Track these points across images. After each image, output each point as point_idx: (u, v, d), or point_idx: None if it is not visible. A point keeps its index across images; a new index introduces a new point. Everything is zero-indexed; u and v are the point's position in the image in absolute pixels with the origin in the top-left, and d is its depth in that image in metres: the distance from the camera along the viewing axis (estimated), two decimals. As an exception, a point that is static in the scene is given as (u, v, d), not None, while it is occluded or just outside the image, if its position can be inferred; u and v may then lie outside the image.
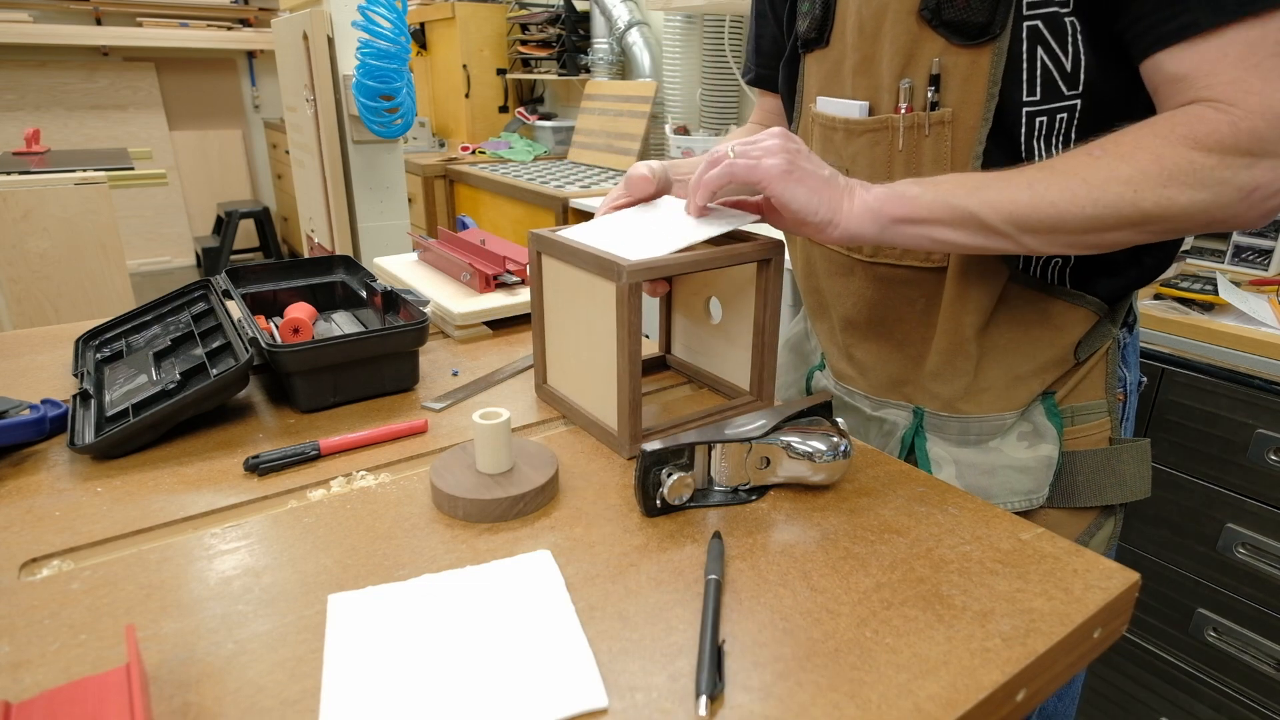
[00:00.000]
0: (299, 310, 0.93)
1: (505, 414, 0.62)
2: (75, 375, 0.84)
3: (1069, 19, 0.62)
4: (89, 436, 0.70)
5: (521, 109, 3.44)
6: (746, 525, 0.59)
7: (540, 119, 3.35)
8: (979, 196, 0.61)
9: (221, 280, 0.97)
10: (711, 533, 0.58)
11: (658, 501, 0.60)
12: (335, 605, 0.49)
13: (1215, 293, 1.21)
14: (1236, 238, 1.40)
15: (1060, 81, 0.64)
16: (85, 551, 0.56)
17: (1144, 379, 0.84)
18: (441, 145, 3.65)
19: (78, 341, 0.90)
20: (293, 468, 0.67)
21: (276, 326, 0.89)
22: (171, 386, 0.73)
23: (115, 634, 0.47)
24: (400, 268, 1.19)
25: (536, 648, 0.46)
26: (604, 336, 0.67)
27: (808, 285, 0.88)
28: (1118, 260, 0.71)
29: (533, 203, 2.48)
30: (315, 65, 2.12)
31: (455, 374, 0.88)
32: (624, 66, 3.00)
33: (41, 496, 0.63)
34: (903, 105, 0.70)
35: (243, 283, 1.00)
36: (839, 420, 0.64)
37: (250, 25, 4.86)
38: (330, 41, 2.13)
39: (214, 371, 0.74)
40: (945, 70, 0.67)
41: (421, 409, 0.79)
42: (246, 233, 4.82)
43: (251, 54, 5.03)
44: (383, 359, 0.80)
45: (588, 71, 3.08)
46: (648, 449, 0.58)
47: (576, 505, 0.62)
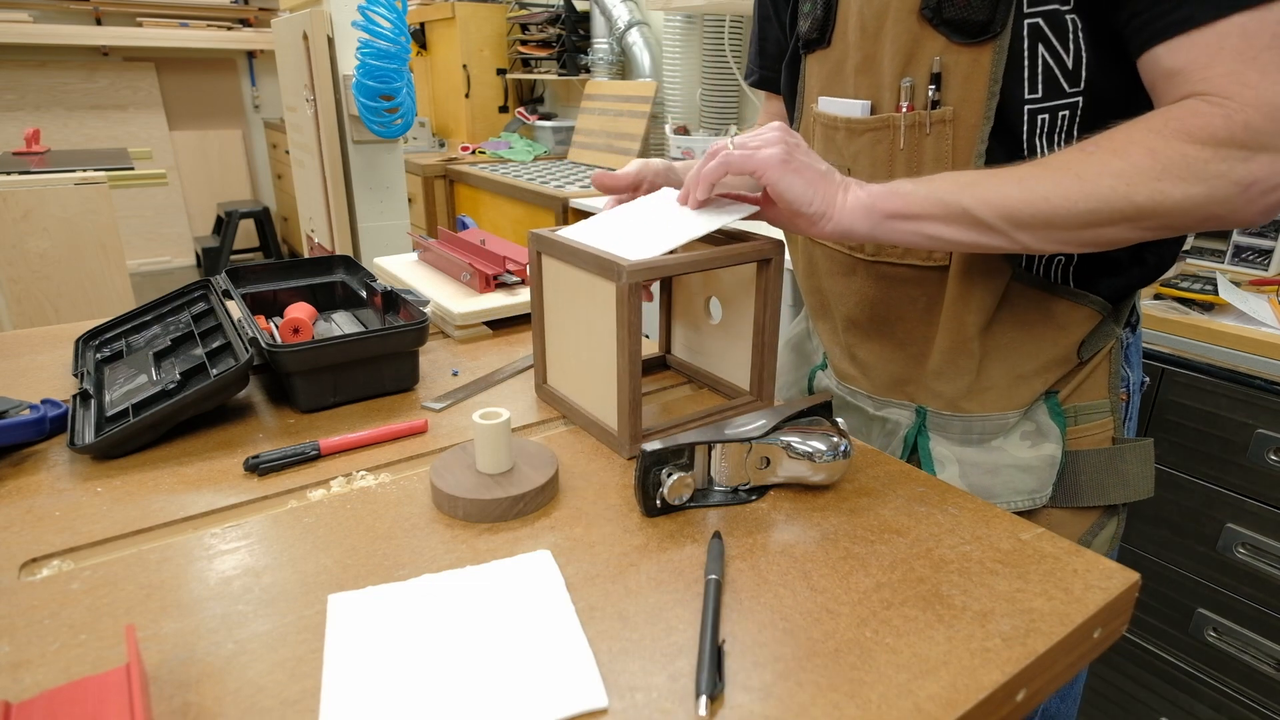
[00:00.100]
0: (299, 310, 0.93)
1: (505, 414, 0.62)
2: (75, 375, 0.84)
3: (1069, 16, 0.62)
4: (89, 436, 0.70)
5: (521, 109, 3.44)
6: (746, 525, 0.59)
7: (540, 119, 3.35)
8: (971, 192, 0.61)
9: (221, 280, 0.97)
10: (711, 533, 0.58)
11: (658, 501, 0.60)
12: (335, 605, 0.49)
13: (1215, 293, 1.21)
14: (1236, 237, 1.40)
15: (1062, 79, 0.64)
16: (85, 551, 0.56)
17: (1146, 379, 0.84)
18: (441, 145, 3.65)
19: (78, 341, 0.90)
20: (293, 468, 0.67)
21: (276, 326, 0.89)
22: (171, 386, 0.73)
23: (115, 634, 0.47)
24: (400, 268, 1.19)
25: (536, 648, 0.46)
26: (604, 336, 0.67)
27: (809, 285, 0.88)
28: (1120, 259, 0.71)
29: (533, 203, 2.48)
30: (315, 65, 2.12)
31: (455, 374, 0.88)
32: (624, 66, 3.00)
33: (41, 496, 0.63)
34: (904, 104, 0.70)
35: (243, 283, 1.00)
36: (839, 420, 0.64)
37: (250, 25, 4.86)
38: (330, 41, 2.13)
39: (214, 371, 0.74)
40: (946, 69, 0.67)
41: (421, 409, 0.79)
42: (246, 233, 4.82)
43: (251, 54, 5.03)
44: (383, 359, 0.80)
45: (588, 71, 3.08)
46: (648, 449, 0.58)
47: (576, 505, 0.62)
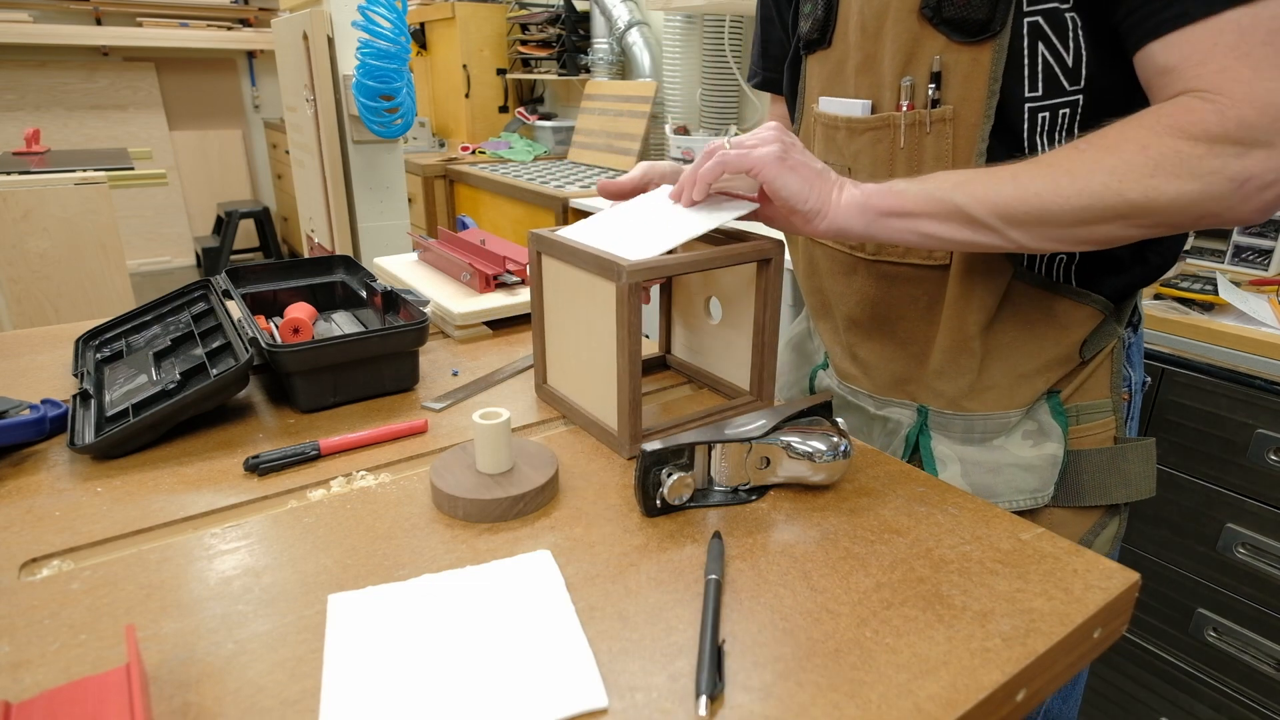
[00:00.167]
0: (299, 310, 0.93)
1: (505, 414, 0.62)
2: (75, 375, 0.84)
3: (1069, 14, 0.62)
4: (89, 436, 0.70)
5: (521, 109, 3.44)
6: (746, 525, 0.59)
7: (540, 119, 3.35)
8: (965, 189, 0.61)
9: (221, 280, 0.97)
10: (711, 533, 0.58)
11: (658, 501, 0.60)
12: (335, 605, 0.49)
13: (1215, 293, 1.21)
14: (1236, 237, 1.40)
15: (1062, 77, 0.64)
16: (85, 551, 0.56)
17: (1148, 379, 0.84)
18: (441, 145, 3.65)
19: (78, 341, 0.90)
20: (293, 468, 0.67)
21: (276, 326, 0.89)
22: (171, 386, 0.73)
23: (115, 634, 0.47)
24: (400, 268, 1.19)
25: (536, 648, 0.46)
26: (604, 336, 0.67)
27: (810, 285, 0.88)
28: (1123, 257, 0.71)
29: (533, 203, 2.48)
30: (315, 65, 2.12)
31: (455, 374, 0.88)
32: (624, 66, 3.00)
33: (41, 496, 0.63)
34: (904, 103, 0.71)
35: (243, 283, 1.00)
36: (839, 420, 0.64)
37: (250, 25, 4.86)
38: (330, 41, 2.13)
39: (214, 371, 0.74)
40: (946, 67, 0.67)
41: (421, 409, 0.79)
42: (246, 233, 4.82)
43: (251, 54, 5.03)
44: (383, 359, 0.80)
45: (588, 71, 3.08)
46: (648, 449, 0.58)
47: (576, 505, 0.62)
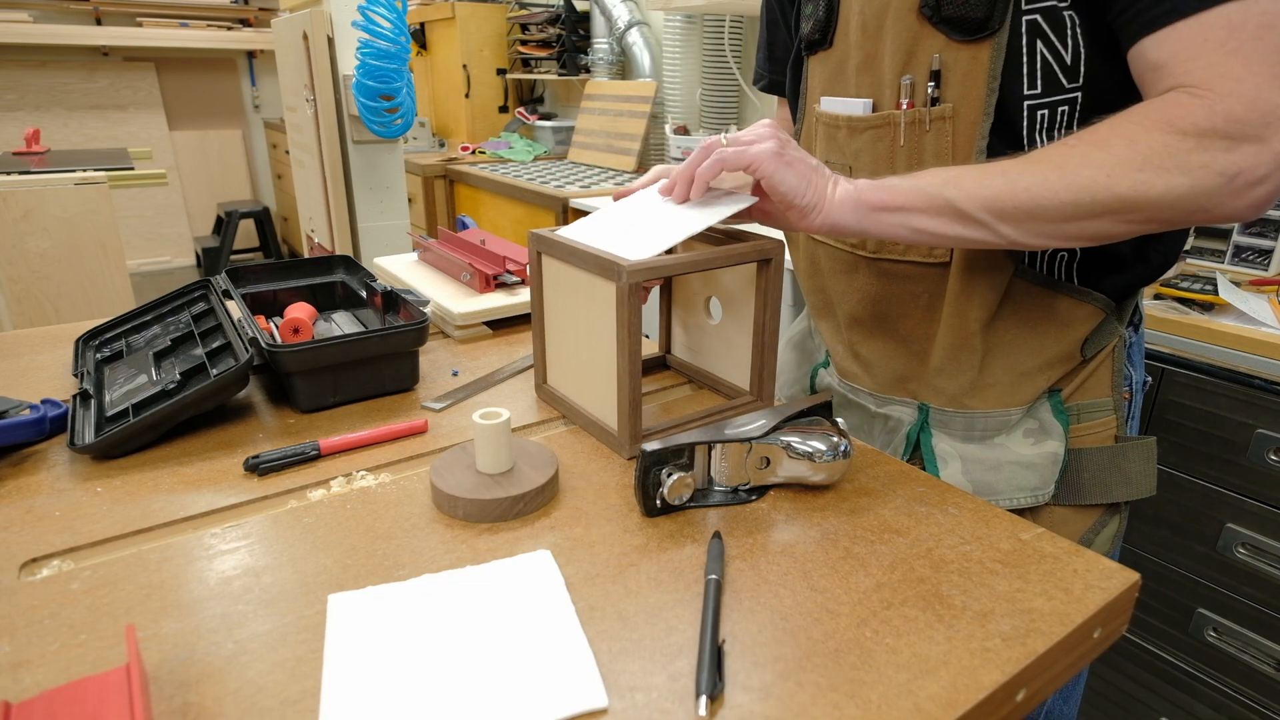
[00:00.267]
0: (299, 310, 0.93)
1: (505, 414, 0.62)
2: (75, 375, 0.84)
3: (1067, 12, 0.62)
4: (89, 436, 0.70)
5: (521, 109, 3.44)
6: (746, 525, 0.59)
7: (540, 119, 3.35)
8: (955, 185, 0.61)
9: (221, 280, 0.97)
10: (711, 533, 0.58)
11: (658, 501, 0.60)
12: (335, 605, 0.49)
13: (1215, 293, 1.21)
14: (1236, 237, 1.40)
15: (1060, 74, 0.64)
16: (85, 551, 0.56)
17: (1149, 378, 0.84)
18: (441, 145, 3.65)
19: (78, 341, 0.90)
20: (293, 468, 0.67)
21: (276, 326, 0.89)
22: (171, 386, 0.73)
23: (115, 634, 0.47)
24: (400, 268, 1.19)
25: (536, 648, 0.46)
26: (604, 336, 0.67)
27: (812, 284, 0.88)
28: (1124, 256, 0.71)
29: (533, 203, 2.48)
30: (315, 65, 2.12)
31: (455, 374, 0.88)
32: (624, 66, 3.00)
33: (41, 496, 0.63)
34: (904, 101, 0.71)
35: (243, 283, 1.00)
36: (839, 420, 0.64)
37: (250, 25, 4.86)
38: (330, 41, 2.13)
39: (214, 371, 0.74)
40: (946, 66, 0.68)
41: (421, 409, 0.79)
42: (246, 233, 4.82)
43: (251, 54, 5.03)
44: (383, 359, 0.80)
45: (588, 71, 3.08)
46: (648, 449, 0.58)
47: (576, 505, 0.62)
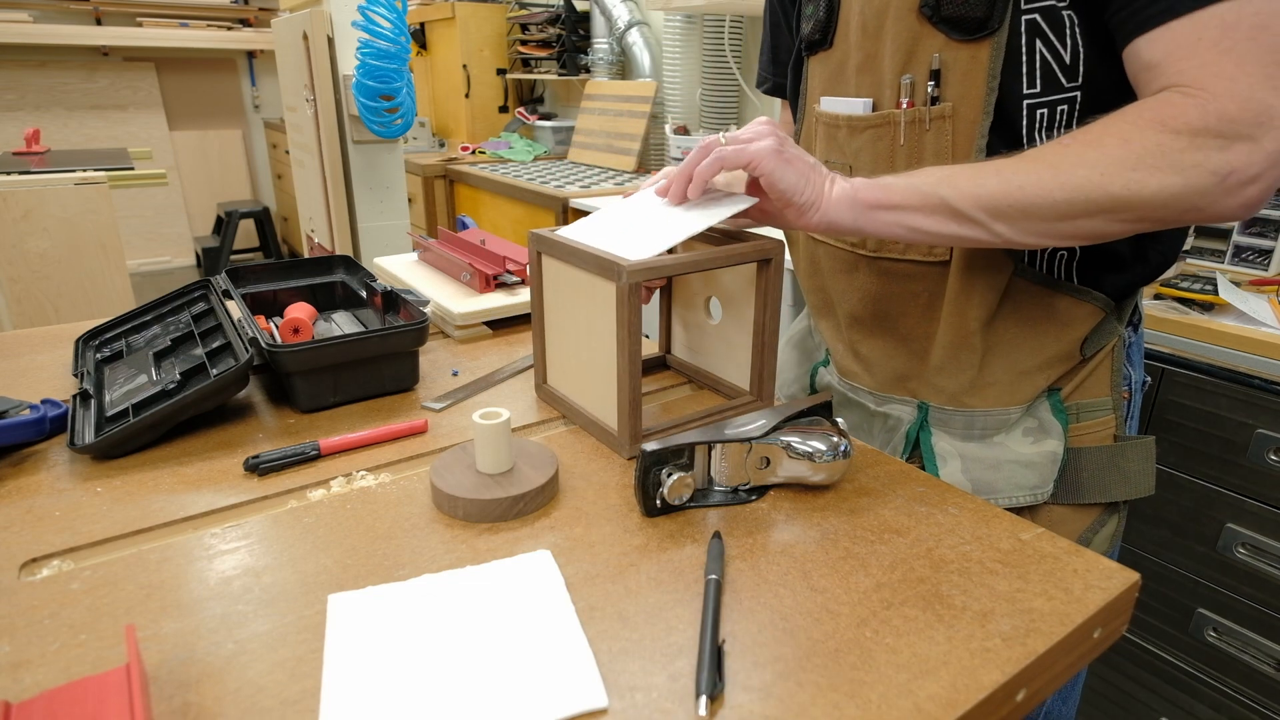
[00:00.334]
0: (299, 310, 0.93)
1: (505, 414, 0.62)
2: (75, 375, 0.84)
3: (1066, 12, 0.62)
4: (89, 436, 0.70)
5: (521, 109, 3.44)
6: (746, 525, 0.59)
7: (540, 119, 3.34)
8: (950, 183, 0.62)
9: (221, 280, 0.97)
10: (711, 533, 0.58)
11: (658, 501, 0.60)
12: (335, 605, 0.49)
13: (1215, 293, 1.21)
14: (1236, 237, 1.40)
15: (1060, 74, 0.64)
16: (85, 551, 0.56)
17: (1148, 379, 0.84)
18: (441, 145, 3.65)
19: (78, 341, 0.90)
20: (293, 468, 0.67)
21: (276, 326, 0.89)
22: (171, 386, 0.73)
23: (115, 634, 0.47)
24: (400, 268, 1.19)
25: (536, 648, 0.46)
26: (604, 336, 0.67)
27: (812, 284, 0.89)
28: (1124, 255, 0.71)
29: (533, 203, 2.48)
30: (315, 65, 2.12)
31: (455, 374, 0.88)
32: (624, 66, 3.00)
33: (41, 496, 0.63)
34: (904, 101, 0.71)
35: (243, 283, 1.00)
36: (839, 420, 0.64)
37: (250, 25, 4.86)
38: (330, 41, 2.13)
39: (214, 371, 0.74)
40: (945, 65, 0.68)
41: (421, 409, 0.79)
42: (246, 233, 4.82)
43: (251, 54, 5.03)
44: (383, 359, 0.80)
45: (588, 71, 3.08)
46: (648, 449, 0.58)
47: (576, 505, 0.62)
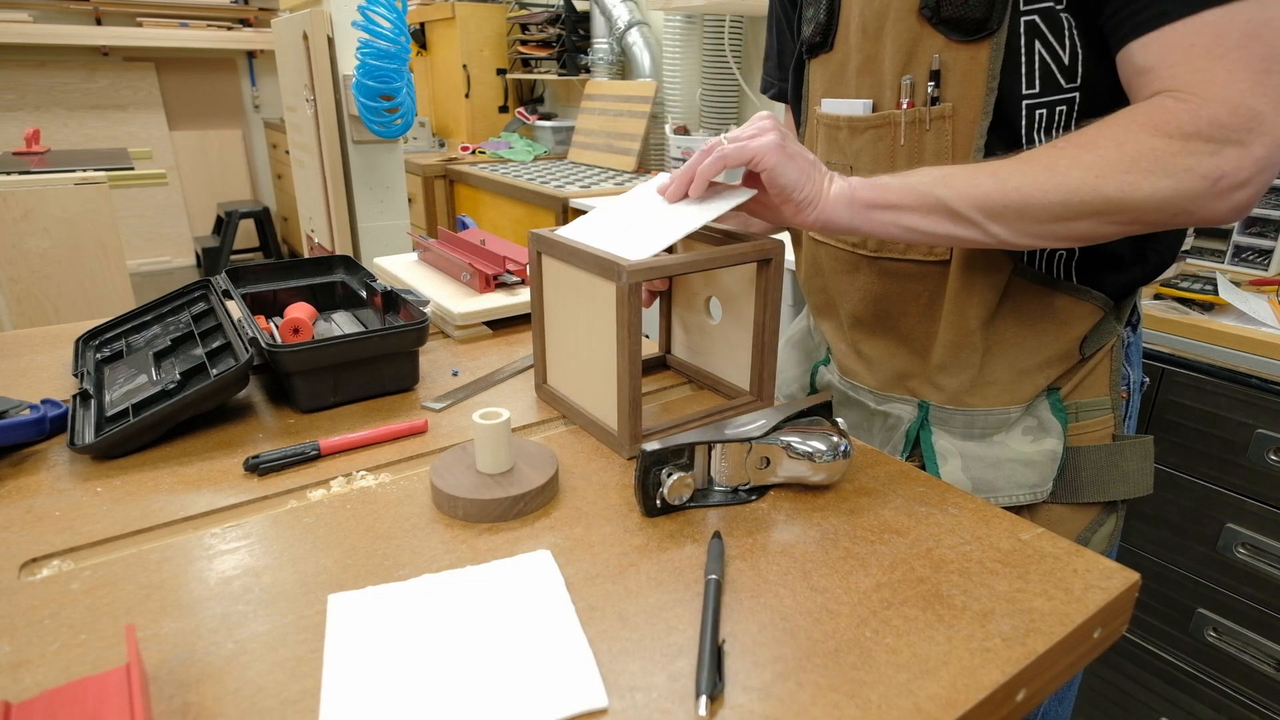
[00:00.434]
0: (299, 310, 0.93)
1: (505, 414, 0.62)
2: (75, 375, 0.84)
3: (1064, 14, 0.63)
4: (89, 436, 0.70)
5: (521, 109, 3.44)
6: (746, 525, 0.59)
7: (540, 119, 3.35)
8: (947, 183, 0.62)
9: (221, 280, 0.97)
10: (711, 533, 0.58)
11: (658, 501, 0.60)
12: (335, 605, 0.49)
13: (1215, 293, 1.21)
14: (1236, 237, 1.40)
15: (1058, 74, 0.65)
16: (85, 551, 0.56)
17: (1146, 379, 0.84)
18: (441, 145, 3.65)
19: (78, 341, 0.90)
20: (293, 468, 0.67)
21: (276, 326, 0.89)
22: (171, 386, 0.73)
23: (115, 634, 0.47)
24: (400, 268, 1.19)
25: (536, 648, 0.46)
26: (604, 336, 0.67)
27: (813, 285, 0.89)
28: (1123, 255, 0.71)
29: (533, 203, 2.48)
30: (315, 65, 2.12)
31: (455, 374, 0.88)
32: (624, 66, 3.00)
33: (41, 496, 0.63)
34: (904, 101, 0.71)
35: (243, 283, 1.00)
36: (839, 420, 0.64)
37: (250, 25, 4.86)
38: (330, 41, 2.13)
39: (214, 371, 0.74)
40: (945, 66, 0.68)
41: (421, 409, 0.79)
42: (246, 233, 4.82)
43: (251, 54, 5.03)
44: (383, 359, 0.80)
45: (588, 71, 3.08)
46: (648, 449, 0.58)
47: (576, 505, 0.62)
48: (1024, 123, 0.67)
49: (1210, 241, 1.44)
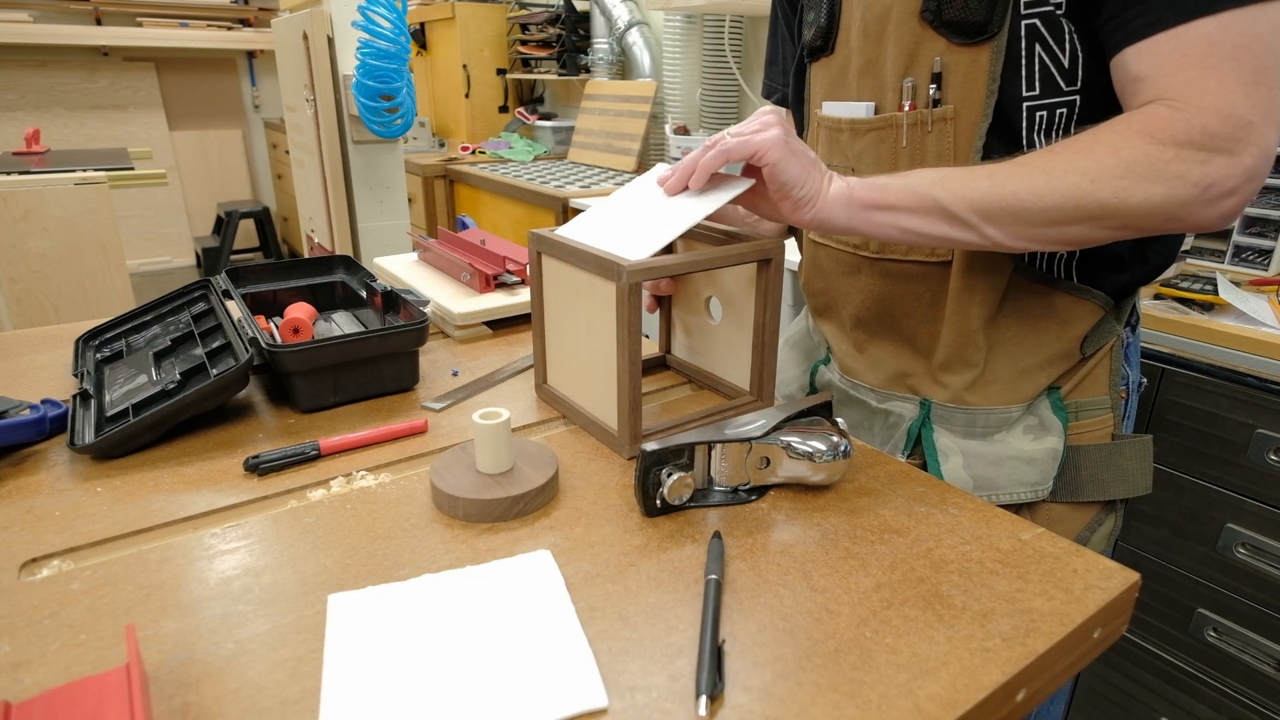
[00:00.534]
0: (299, 310, 0.93)
1: (505, 414, 0.62)
2: (75, 375, 0.84)
3: (1064, 19, 0.63)
4: (89, 436, 0.70)
5: (521, 109, 3.44)
6: (746, 525, 0.59)
7: (540, 119, 3.35)
8: (943, 185, 0.63)
9: (221, 280, 0.97)
10: (711, 533, 0.58)
11: (658, 501, 0.60)
12: (335, 605, 0.49)
13: (1215, 293, 1.21)
14: (1236, 237, 1.40)
15: (1059, 77, 0.65)
16: (85, 551, 0.56)
17: (1144, 380, 0.85)
18: (441, 145, 3.65)
19: (78, 341, 0.90)
20: (293, 468, 0.67)
21: (276, 326, 0.89)
22: (171, 386, 0.73)
23: (115, 634, 0.47)
24: (400, 268, 1.19)
25: (536, 648, 0.46)
26: (604, 336, 0.67)
27: (815, 286, 0.89)
28: (1122, 255, 0.72)
29: (533, 203, 2.48)
30: (315, 65, 2.12)
31: (455, 374, 0.88)
32: (624, 66, 3.00)
33: (41, 496, 0.63)
34: (906, 103, 0.72)
35: (243, 283, 1.00)
36: (839, 420, 0.64)
37: (250, 25, 4.86)
38: (330, 41, 2.13)
39: (214, 371, 0.74)
40: (947, 68, 0.69)
41: (421, 409, 0.79)
42: (246, 233, 4.82)
43: (251, 54, 5.03)
44: (383, 359, 0.80)
45: (588, 71, 3.08)
46: (648, 449, 0.58)
47: (576, 505, 0.62)
48: (1024, 124, 0.67)
49: (1210, 241, 1.44)
